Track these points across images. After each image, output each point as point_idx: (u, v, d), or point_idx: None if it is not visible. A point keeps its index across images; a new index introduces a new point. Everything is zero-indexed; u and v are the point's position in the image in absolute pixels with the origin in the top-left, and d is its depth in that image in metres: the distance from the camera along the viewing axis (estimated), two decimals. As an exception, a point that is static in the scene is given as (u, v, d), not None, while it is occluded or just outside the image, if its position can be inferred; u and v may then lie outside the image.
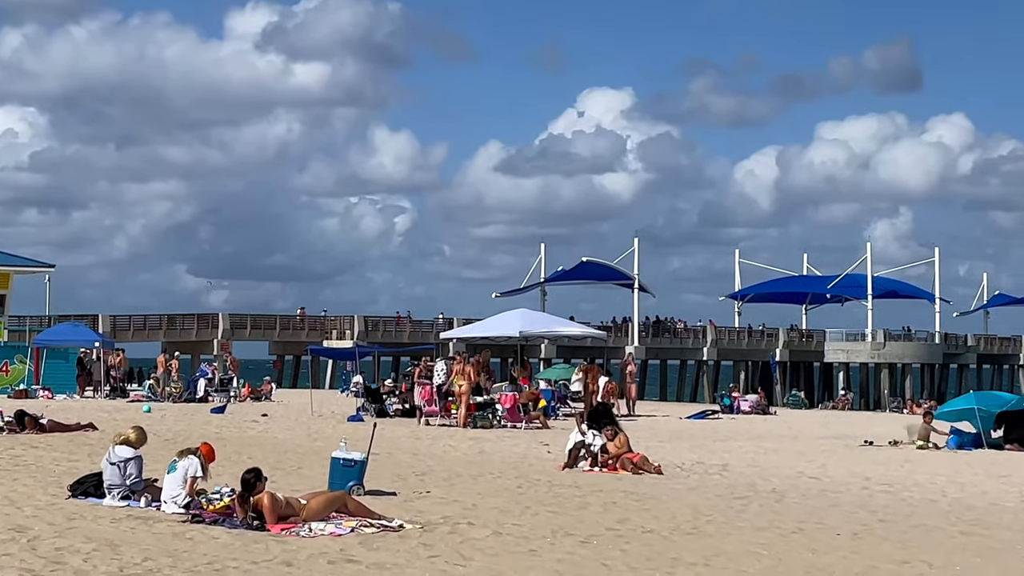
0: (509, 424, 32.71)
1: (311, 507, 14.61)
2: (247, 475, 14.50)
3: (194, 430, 30.15)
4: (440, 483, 19.33)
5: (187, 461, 15.71)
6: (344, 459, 17.44)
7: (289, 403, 45.39)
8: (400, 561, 12.06)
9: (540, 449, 26.13)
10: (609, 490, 18.69)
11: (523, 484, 19.37)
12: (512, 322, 37.21)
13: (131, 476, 16.21)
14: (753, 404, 44.17)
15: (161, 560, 11.81)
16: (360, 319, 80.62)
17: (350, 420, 34.52)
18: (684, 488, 19.26)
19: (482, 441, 27.93)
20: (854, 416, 48.26)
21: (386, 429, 31.13)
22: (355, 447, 25.79)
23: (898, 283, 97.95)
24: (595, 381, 37.17)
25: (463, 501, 17.00)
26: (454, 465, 22.40)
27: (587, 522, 15.12)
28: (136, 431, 16.70)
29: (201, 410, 39.10)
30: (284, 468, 21.24)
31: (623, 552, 12.84)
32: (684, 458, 24.17)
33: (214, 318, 78.31)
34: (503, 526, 14.57)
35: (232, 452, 24.10)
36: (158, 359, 49.65)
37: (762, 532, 14.64)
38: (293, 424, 33.20)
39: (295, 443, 26.83)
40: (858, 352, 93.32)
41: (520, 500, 17.32)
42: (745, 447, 27.61)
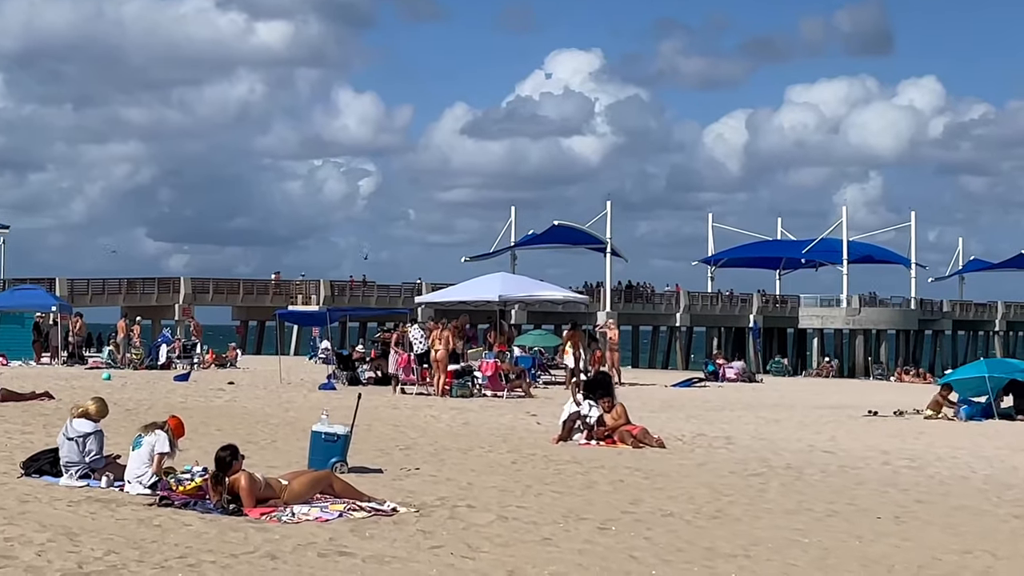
0: (490, 393, 31.33)
1: (293, 488, 13.20)
2: (222, 453, 13.07)
3: (157, 399, 28.66)
4: (428, 458, 17.94)
5: (153, 436, 14.28)
6: (326, 433, 16.02)
7: (256, 370, 43.92)
8: (400, 553, 10.67)
9: (528, 420, 24.78)
10: (612, 466, 17.35)
11: (518, 459, 18.01)
12: (491, 286, 35.79)
13: (91, 453, 14.76)
14: (739, 371, 42.91)
15: (126, 553, 10.37)
16: (326, 284, 79.07)
17: (322, 388, 33.09)
18: (692, 464, 17.93)
19: (464, 411, 26.55)
20: (843, 384, 47.10)
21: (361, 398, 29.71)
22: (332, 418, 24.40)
23: (874, 248, 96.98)
24: (578, 348, 35.83)
25: (457, 479, 15.62)
26: (439, 438, 21.01)
27: (598, 504, 13.76)
28: (96, 403, 15.23)
29: (164, 377, 37.61)
30: (257, 442, 19.81)
31: (648, 540, 11.49)
32: (682, 430, 22.86)
33: (175, 282, 76.65)
34: (507, 509, 13.19)
35: (199, 423, 22.65)
36: (118, 324, 48.01)
37: (794, 516, 13.31)
38: (262, 393, 31.74)
39: (266, 413, 25.39)
40: (833, 318, 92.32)
41: (518, 478, 15.96)
42: (743, 417, 26.32)
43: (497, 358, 31.53)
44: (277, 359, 58.12)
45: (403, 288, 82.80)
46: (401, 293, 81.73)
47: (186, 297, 74.71)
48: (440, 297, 40.12)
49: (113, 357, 44.47)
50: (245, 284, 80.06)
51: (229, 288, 79.06)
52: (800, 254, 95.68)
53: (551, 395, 32.36)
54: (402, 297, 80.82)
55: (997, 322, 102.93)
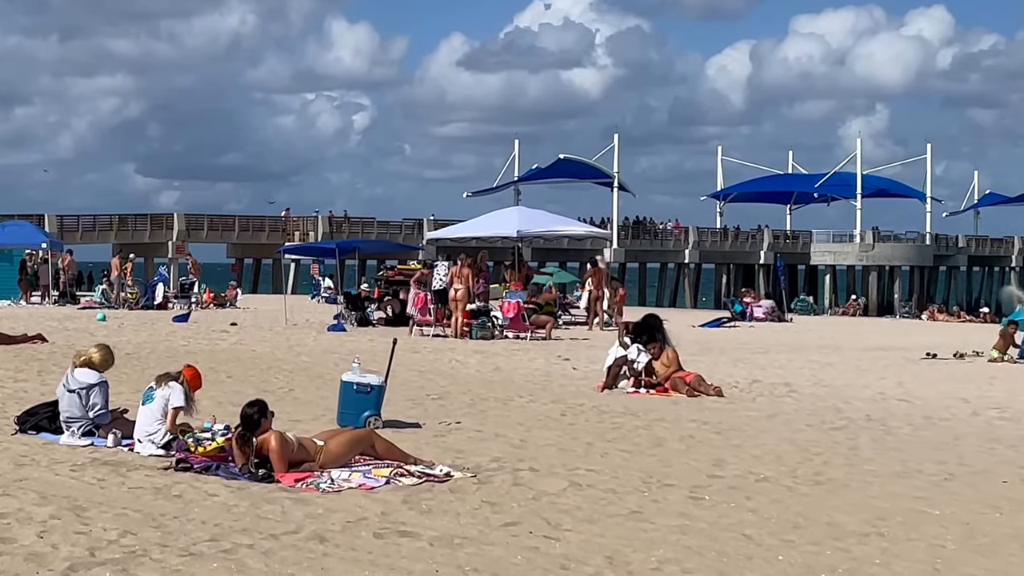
0: (511, 334, 29.75)
1: (330, 450, 11.61)
2: (249, 410, 11.46)
3: (158, 342, 27.08)
4: (467, 410, 16.38)
5: (167, 389, 12.69)
6: (358, 384, 14.39)
7: (257, 310, 42.33)
8: (470, 532, 9.09)
9: (562, 365, 23.20)
10: (673, 418, 15.79)
11: (566, 411, 16.43)
12: (508, 220, 34.13)
13: (95, 407, 13.17)
14: (767, 310, 41.26)
15: (145, 534, 8.79)
16: (324, 220, 77.41)
17: (331, 330, 31.49)
18: (761, 415, 16.36)
19: (491, 355, 24.96)
20: (878, 323, 45.49)
21: (374, 340, 28.20)
22: (344, 363, 22.84)
23: (888, 181, 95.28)
24: (599, 287, 34.25)
25: (507, 435, 14.04)
26: (472, 386, 19.43)
27: (676, 466, 12.20)
28: (100, 350, 13.62)
29: (161, 318, 36.00)
30: (273, 391, 18.23)
31: (754, 514, 9.91)
32: (733, 375, 21.27)
33: (168, 219, 74.97)
34: (576, 473, 11.62)
35: (207, 370, 20.97)
36: (112, 262, 46.31)
37: (905, 480, 11.75)
38: (268, 335, 30.14)
39: (276, 358, 23.80)
40: (846, 254, 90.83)
41: (574, 433, 14.38)
42: (794, 361, 24.72)
43: (521, 298, 29.88)
44: (277, 298, 56.62)
45: (404, 224, 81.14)
46: (402, 230, 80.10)
47: (180, 234, 73.03)
48: (453, 233, 38.44)
49: (107, 296, 42.84)
50: (241, 220, 78.32)
51: (224, 225, 77.38)
52: (812, 188, 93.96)
53: (575, 336, 30.79)
54: (403, 234, 79.22)
55: (1014, 257, 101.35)
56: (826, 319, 48.80)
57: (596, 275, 34.11)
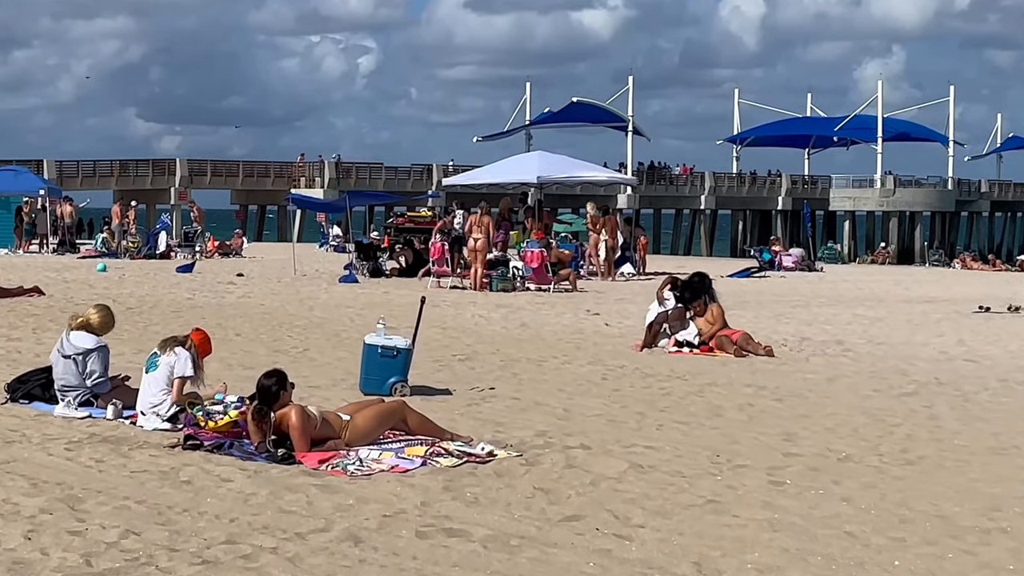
0: (533, 287, 28.52)
1: (357, 425, 10.42)
2: (266, 381, 10.26)
3: (161, 295, 25.90)
4: (498, 373, 15.19)
5: (172, 355, 11.50)
6: (383, 347, 13.18)
7: (264, 260, 41.15)
8: (527, 530, 7.90)
9: (592, 320, 21.99)
10: (724, 382, 14.60)
11: (607, 374, 15.24)
12: (527, 166, 32.81)
13: (92, 375, 12.00)
14: (797, 259, 39.95)
15: (149, 534, 7.61)
16: (331, 165, 75.93)
17: (343, 282, 30.31)
18: (820, 378, 15.16)
19: (515, 309, 23.74)
20: (913, 272, 44.11)
21: (389, 293, 27.03)
22: (359, 319, 21.67)
23: (910, 124, 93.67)
24: (613, 235, 33.01)
25: (547, 404, 12.85)
26: (500, 344, 18.24)
27: (743, 441, 11.01)
28: (99, 312, 12.41)
29: (164, 268, 34.82)
30: (286, 351, 17.07)
31: (849, 504, 8.72)
32: (779, 332, 20.07)
33: (171, 164, 73.64)
34: (633, 451, 10.43)
35: (213, 327, 19.88)
36: (113, 209, 45.07)
37: (1002, 456, 10.58)
38: (277, 287, 28.95)
39: (288, 313, 22.60)
40: (866, 199, 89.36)
41: (621, 400, 13.20)
42: (839, 315, 23.45)
43: (544, 247, 28.61)
44: (284, 247, 55.55)
45: (412, 170, 79.81)
46: (411, 175, 78.80)
47: (182, 180, 71.73)
48: (469, 179, 37.12)
49: (107, 245, 41.68)
50: (245, 166, 76.98)
51: (228, 170, 76.07)
52: (832, 132, 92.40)
53: (600, 289, 29.55)
54: (411, 180, 77.93)
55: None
56: (857, 268, 47.48)
57: (609, 223, 32.85)
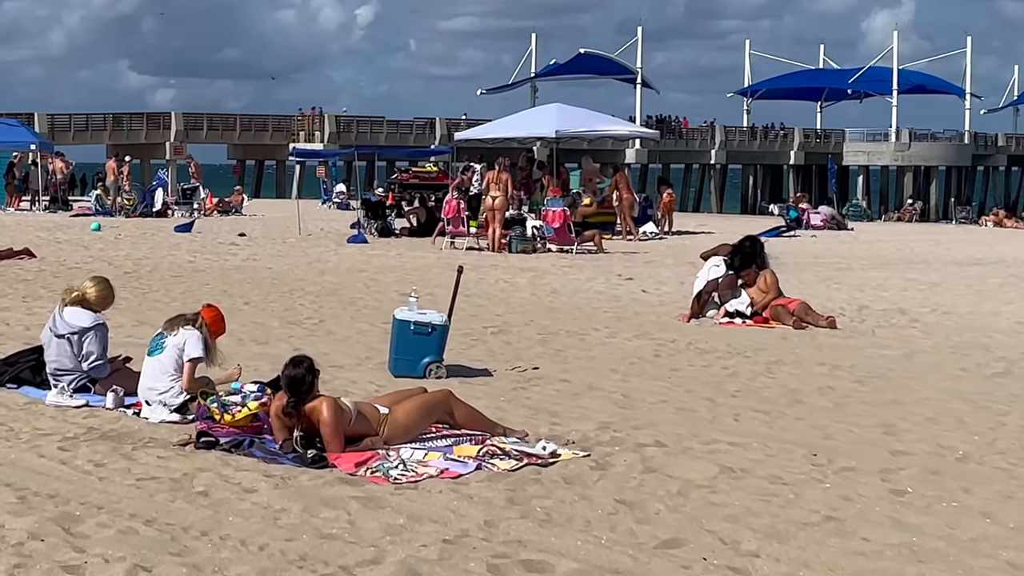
0: (555, 248, 27.16)
1: (397, 420, 9.09)
2: (294, 370, 8.91)
3: (161, 257, 24.57)
4: (538, 349, 13.88)
5: (180, 335, 10.16)
6: (416, 323, 11.84)
7: (265, 218, 39.79)
8: (622, 563, 6.58)
9: (626, 286, 20.64)
10: (792, 360, 13.29)
11: (659, 350, 13.92)
12: (545, 119, 31.39)
13: (89, 356, 10.67)
14: (826, 218, 38.55)
15: (165, 570, 6.27)
16: (331, 119, 74.50)
17: (352, 242, 28.96)
18: (896, 355, 13.84)
19: (541, 274, 22.37)
20: (948, 231, 42.68)
21: (403, 255, 25.70)
22: (375, 284, 20.33)
23: (926, 76, 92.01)
24: (630, 191, 31.68)
25: (602, 387, 11.54)
26: (534, 314, 16.90)
27: (839, 436, 9.69)
28: (97, 285, 11.06)
29: (162, 227, 33.48)
30: (299, 322, 15.75)
31: (993, 521, 7.43)
32: (832, 299, 18.74)
33: (166, 118, 72.12)
34: (716, 448, 9.12)
35: (219, 293, 18.62)
36: (108, 165, 43.69)
37: None
38: (283, 248, 27.60)
39: (297, 278, 21.27)
40: (880, 154, 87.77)
41: (683, 382, 11.88)
42: (890, 279, 22.07)
43: (567, 205, 27.23)
44: (284, 204, 54.21)
45: (415, 124, 78.32)
46: (413, 129, 77.34)
47: (178, 134, 70.27)
48: (483, 133, 35.68)
49: (102, 203, 40.28)
50: (242, 119, 75.46)
51: (225, 124, 74.59)
52: (846, 84, 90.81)
53: (627, 250, 28.17)
54: (413, 134, 76.50)
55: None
56: (885, 226, 46.10)
57: (621, 180, 31.51)
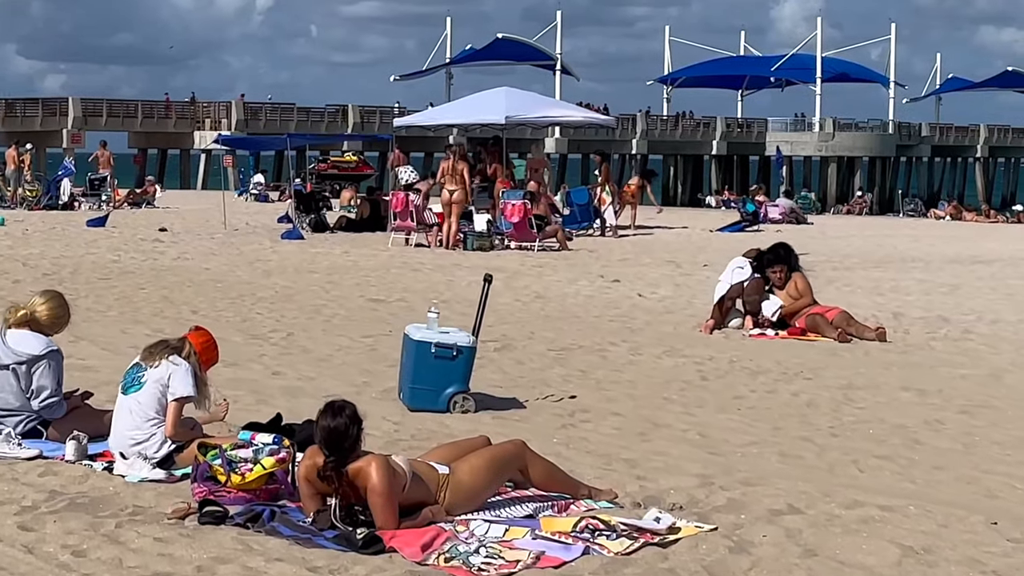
0: (515, 244, 25.23)
1: (461, 482, 7.15)
2: (334, 420, 6.91)
3: (80, 256, 22.32)
4: (559, 370, 12.00)
5: (164, 368, 8.11)
6: (439, 345, 9.85)
7: (181, 211, 37.40)
8: None
9: (615, 289, 18.75)
10: (864, 383, 11.52)
11: (702, 370, 12.08)
12: (493, 104, 29.41)
13: (42, 392, 8.62)
14: (785, 211, 36.92)
15: None
16: (239, 105, 71.85)
17: (286, 238, 26.82)
18: (978, 374, 12.12)
19: (512, 274, 20.39)
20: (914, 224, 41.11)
21: (350, 253, 23.69)
22: (334, 288, 18.29)
23: (850, 65, 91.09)
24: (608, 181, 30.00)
25: (667, 424, 9.67)
26: (531, 324, 14.96)
27: (1002, 492, 7.91)
28: (49, 301, 8.95)
29: (72, 221, 31.07)
30: (265, 336, 13.73)
31: None
32: (856, 305, 16.85)
33: (62, 104, 69.05)
34: (867, 517, 7.27)
35: (159, 300, 16.57)
36: (7, 153, 41.06)
37: None
38: (212, 245, 25.40)
39: (241, 280, 19.16)
40: (804, 144, 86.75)
41: (760, 416, 10.05)
42: (900, 281, 20.16)
43: (528, 199, 25.26)
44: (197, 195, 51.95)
45: (326, 111, 75.99)
46: (324, 117, 74.99)
47: (76, 121, 67.34)
48: (425, 120, 33.64)
49: (1, 194, 37.69)
50: (144, 107, 72.59)
51: (125, 111, 71.66)
52: (768, 71, 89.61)
53: (590, 247, 26.26)
54: (325, 121, 74.16)
55: (979, 148, 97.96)
56: (843, 220, 44.50)
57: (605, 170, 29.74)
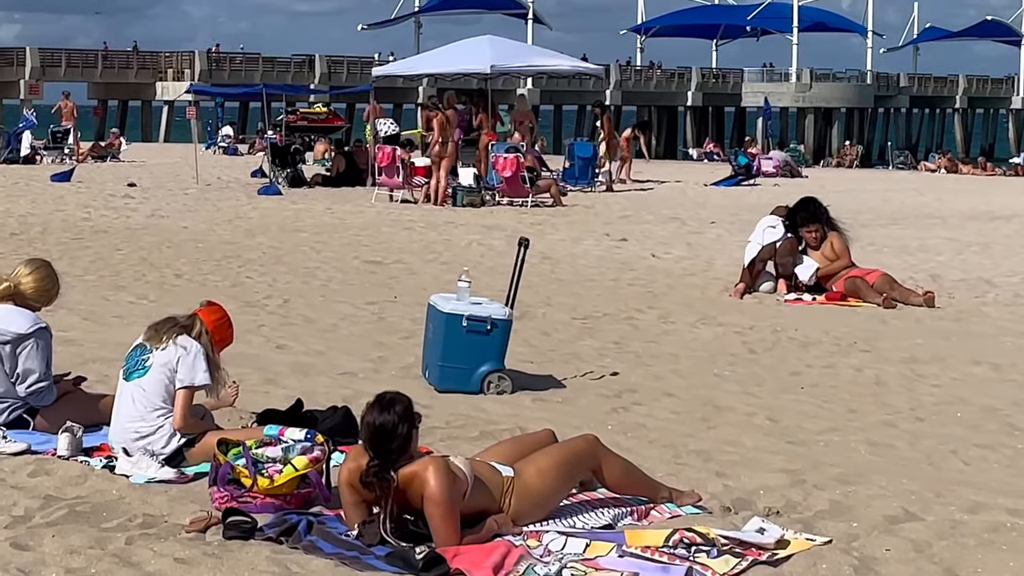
0: (507, 200, 24.22)
1: (528, 486, 6.21)
2: (381, 416, 5.93)
3: (48, 214, 21.24)
4: (589, 341, 11.11)
5: (172, 350, 7.11)
6: (471, 317, 8.87)
7: (148, 165, 36.17)
8: None
9: (624, 249, 17.79)
10: (928, 356, 10.63)
11: (747, 342, 11.16)
12: (479, 52, 28.32)
13: (29, 376, 7.64)
14: (779, 164, 35.92)
15: None
16: (202, 55, 70.41)
17: (263, 193, 25.73)
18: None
19: (513, 233, 19.28)
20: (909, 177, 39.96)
21: (333, 209, 22.70)
22: (324, 247, 17.31)
23: (827, 13, 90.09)
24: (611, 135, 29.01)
25: (728, 405, 8.78)
26: (542, 288, 13.98)
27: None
28: (36, 271, 7.96)
29: (35, 176, 29.86)
30: (259, 303, 12.76)
31: None
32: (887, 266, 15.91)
33: (19, 53, 67.47)
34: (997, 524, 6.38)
35: (138, 262, 15.56)
36: (-36, 106, 39.68)
37: None
38: (187, 201, 24.30)
39: (224, 240, 18.13)
40: (781, 95, 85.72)
41: (828, 397, 9.15)
42: (926, 240, 19.09)
43: (518, 151, 24.25)
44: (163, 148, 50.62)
45: (293, 61, 74.59)
46: (291, 67, 73.58)
47: (33, 71, 65.80)
48: (406, 69, 32.51)
49: (-42, 149, 36.37)
50: (104, 56, 71.02)
51: (85, 61, 70.09)
52: (744, 20, 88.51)
53: (586, 203, 25.23)
54: (291, 72, 72.74)
55: (958, 98, 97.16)
56: (836, 173, 43.41)
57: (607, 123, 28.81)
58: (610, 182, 28.23)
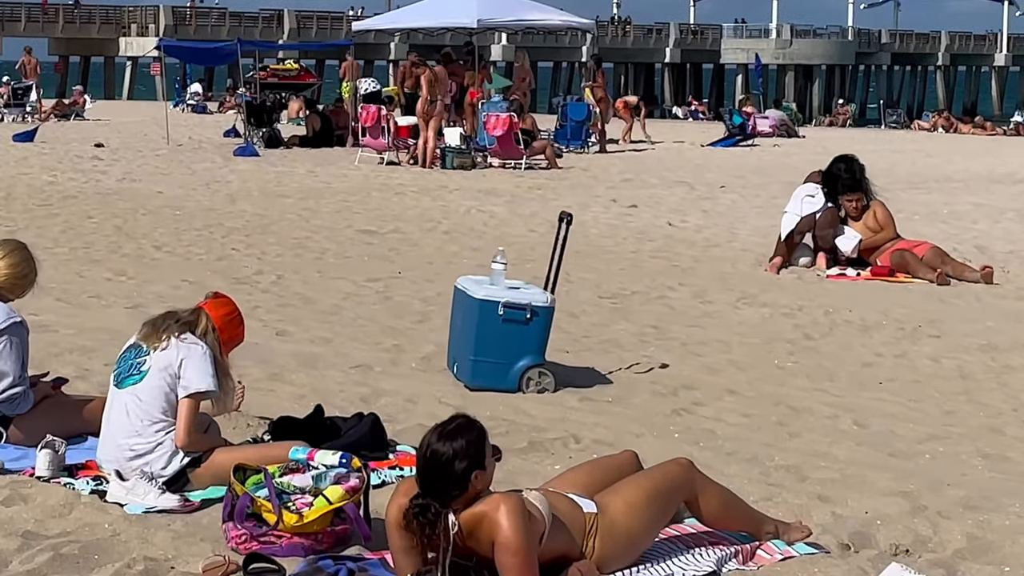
0: (498, 162, 23.13)
1: (615, 524, 5.19)
2: (441, 445, 4.83)
3: (12, 178, 20.10)
4: (624, 324, 10.12)
5: (174, 350, 6.03)
6: (508, 305, 7.80)
7: (114, 124, 34.86)
8: None
9: (637, 216, 16.75)
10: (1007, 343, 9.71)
11: (800, 326, 10.15)
12: (464, 6, 27.13)
13: (2, 380, 6.64)
14: (775, 123, 34.83)
15: None
16: (167, 10, 68.90)
17: (239, 155, 24.53)
18: None
19: (512, 199, 18.34)
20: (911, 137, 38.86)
21: (316, 172, 21.61)
22: (312, 214, 16.23)
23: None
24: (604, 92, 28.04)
25: (805, 407, 7.79)
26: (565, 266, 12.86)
27: None
28: (9, 255, 6.86)
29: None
30: (252, 280, 11.70)
31: None
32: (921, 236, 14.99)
33: (-24, 9, 65.92)
34: None
35: (112, 231, 14.50)
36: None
37: None
38: (159, 163, 23.11)
39: (203, 207, 17.02)
40: (760, 51, 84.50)
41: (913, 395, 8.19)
42: (955, 206, 18.20)
43: (514, 111, 23.12)
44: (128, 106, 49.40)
45: (260, 16, 73.12)
46: (259, 23, 72.12)
47: (-10, 26, 64.37)
48: (389, 24, 31.25)
49: (-86, 106, 35.06)
50: (65, 10, 69.43)
51: (45, 16, 68.49)
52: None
53: (583, 164, 24.14)
54: (259, 27, 71.29)
55: (940, 55, 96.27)
56: (831, 132, 42.33)
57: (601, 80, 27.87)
58: (603, 143, 27.15)
